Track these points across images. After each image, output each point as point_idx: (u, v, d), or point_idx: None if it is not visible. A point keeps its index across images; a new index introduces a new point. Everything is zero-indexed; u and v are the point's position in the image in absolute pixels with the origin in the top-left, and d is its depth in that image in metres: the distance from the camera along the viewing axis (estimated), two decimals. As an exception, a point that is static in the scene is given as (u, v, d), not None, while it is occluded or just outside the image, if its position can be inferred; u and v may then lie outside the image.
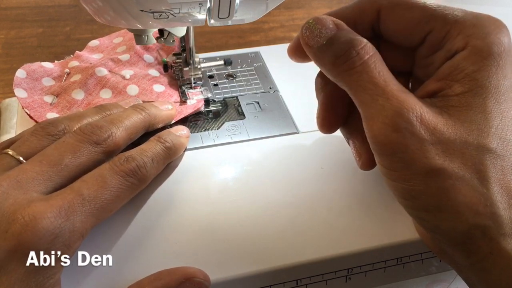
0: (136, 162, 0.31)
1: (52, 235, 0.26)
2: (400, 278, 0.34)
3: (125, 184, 0.30)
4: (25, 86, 0.41)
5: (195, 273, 0.28)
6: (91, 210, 0.28)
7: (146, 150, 0.32)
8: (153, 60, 0.44)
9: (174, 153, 0.35)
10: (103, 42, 0.47)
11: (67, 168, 0.29)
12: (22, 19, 0.63)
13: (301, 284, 0.31)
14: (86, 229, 0.27)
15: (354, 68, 0.27)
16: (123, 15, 0.30)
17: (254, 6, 0.33)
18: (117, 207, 0.30)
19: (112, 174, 0.29)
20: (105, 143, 0.31)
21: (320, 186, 0.35)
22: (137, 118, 0.34)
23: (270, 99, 0.42)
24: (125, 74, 0.42)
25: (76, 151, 0.30)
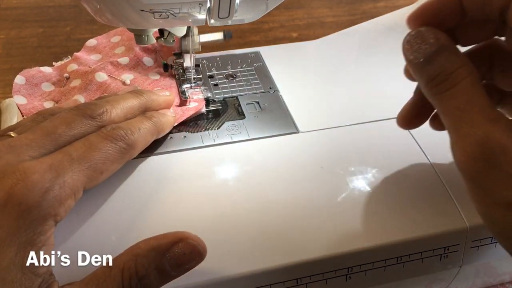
0: (123, 130, 0.32)
1: (43, 189, 0.26)
2: (400, 277, 0.34)
3: (113, 147, 0.30)
4: (25, 92, 0.41)
5: (189, 235, 0.28)
6: (80, 168, 0.28)
7: (132, 122, 0.33)
8: (152, 63, 0.44)
9: (161, 129, 0.36)
10: (100, 42, 0.46)
11: (60, 138, 0.30)
12: (23, 19, 0.63)
13: (301, 283, 0.31)
14: (77, 187, 0.28)
15: (443, 93, 0.27)
16: (123, 15, 0.30)
17: (254, 6, 0.33)
18: (108, 170, 0.30)
19: (100, 139, 0.30)
20: (99, 118, 0.32)
21: (320, 186, 0.35)
22: (134, 100, 0.35)
23: (270, 99, 0.42)
24: (125, 79, 0.41)
25: (70, 122, 0.31)
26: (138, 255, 0.27)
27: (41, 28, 0.61)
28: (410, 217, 0.33)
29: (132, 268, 0.26)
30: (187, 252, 0.27)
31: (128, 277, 0.26)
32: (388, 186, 0.35)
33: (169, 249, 0.27)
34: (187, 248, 0.27)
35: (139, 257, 0.27)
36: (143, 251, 0.27)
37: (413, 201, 0.34)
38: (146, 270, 0.26)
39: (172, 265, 0.27)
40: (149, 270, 0.26)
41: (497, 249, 0.35)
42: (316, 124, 0.39)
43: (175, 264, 0.27)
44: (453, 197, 0.34)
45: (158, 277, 0.27)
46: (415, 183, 0.35)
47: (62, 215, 0.27)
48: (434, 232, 0.32)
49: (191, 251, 0.27)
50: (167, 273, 0.27)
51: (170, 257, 0.27)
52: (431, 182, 0.35)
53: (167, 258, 0.27)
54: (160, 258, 0.27)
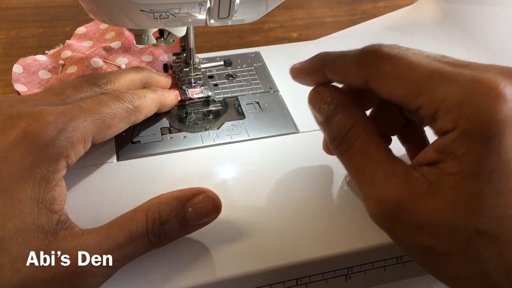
0: (130, 94, 0.34)
1: (57, 129, 0.28)
2: (400, 277, 0.34)
3: (121, 106, 0.32)
4: (24, 80, 0.41)
5: (208, 190, 0.29)
6: (91, 118, 0.30)
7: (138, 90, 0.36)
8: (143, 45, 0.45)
9: (164, 102, 0.38)
10: (90, 29, 0.47)
11: (68, 98, 0.32)
12: (23, 19, 0.63)
13: (301, 283, 0.31)
14: (87, 134, 0.30)
15: (344, 154, 0.28)
16: (123, 15, 0.30)
17: (254, 6, 0.33)
18: (116, 126, 0.32)
19: (109, 97, 0.33)
20: (104, 85, 0.34)
21: (320, 186, 0.35)
22: (136, 74, 0.37)
23: (270, 99, 0.42)
24: (120, 63, 0.42)
25: (77, 86, 0.33)
26: (161, 202, 0.28)
27: (41, 28, 0.61)
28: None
29: (156, 212, 0.28)
30: (206, 204, 0.29)
31: (152, 220, 0.28)
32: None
33: (190, 200, 0.28)
34: (206, 200, 0.29)
35: (163, 204, 0.28)
36: (166, 199, 0.28)
37: (413, 201, 0.34)
38: (168, 216, 0.28)
39: (191, 216, 0.28)
40: (171, 216, 0.28)
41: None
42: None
43: (194, 214, 0.28)
44: (453, 197, 0.34)
45: (177, 226, 0.28)
46: (415, 183, 0.35)
47: (72, 159, 0.29)
48: (434, 232, 0.32)
49: (210, 203, 0.29)
50: (186, 223, 0.28)
51: (190, 207, 0.28)
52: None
53: (187, 208, 0.28)
54: (182, 207, 0.28)
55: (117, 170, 0.35)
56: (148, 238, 0.28)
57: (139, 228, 0.27)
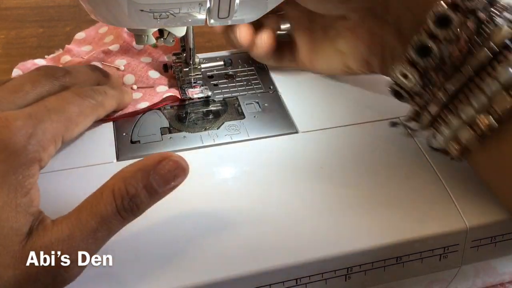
0: (91, 90, 0.35)
1: (27, 134, 0.28)
2: (399, 278, 0.34)
3: (85, 104, 0.33)
4: None
5: (171, 154, 0.29)
6: (58, 118, 0.30)
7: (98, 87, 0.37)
8: (142, 46, 0.45)
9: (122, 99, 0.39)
10: (89, 34, 0.47)
11: (27, 95, 0.32)
12: (23, 19, 0.63)
13: (301, 283, 0.31)
14: (57, 134, 0.30)
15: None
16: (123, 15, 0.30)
17: (254, 6, 0.33)
18: (82, 123, 0.33)
19: (72, 94, 0.33)
20: (61, 78, 0.34)
21: (320, 186, 0.35)
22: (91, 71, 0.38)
23: (270, 99, 0.42)
24: (119, 64, 0.42)
25: (35, 81, 0.33)
26: (125, 177, 0.28)
27: (41, 28, 0.61)
28: (410, 217, 0.33)
29: (122, 188, 0.27)
30: (171, 169, 0.28)
31: (120, 197, 0.27)
32: (388, 186, 0.35)
33: (155, 168, 0.28)
34: (171, 166, 0.28)
35: (127, 179, 0.28)
36: (130, 173, 0.28)
37: (413, 201, 0.34)
38: (136, 189, 0.27)
39: (159, 183, 0.28)
40: (139, 189, 0.27)
41: (497, 249, 0.35)
42: (316, 124, 0.39)
43: (161, 181, 0.28)
44: (453, 197, 0.34)
45: (147, 196, 0.28)
46: (415, 183, 0.35)
47: (45, 161, 0.29)
48: (434, 232, 0.32)
49: (175, 167, 0.28)
50: (155, 190, 0.28)
51: (156, 174, 0.28)
52: (431, 182, 0.35)
53: (154, 176, 0.28)
54: (147, 176, 0.28)
55: (117, 170, 0.35)
56: (120, 215, 0.27)
57: (108, 208, 0.27)
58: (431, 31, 0.30)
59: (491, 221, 0.33)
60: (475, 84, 0.30)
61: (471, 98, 0.30)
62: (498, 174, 0.32)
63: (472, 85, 0.30)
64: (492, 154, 0.31)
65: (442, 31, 0.30)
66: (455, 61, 0.30)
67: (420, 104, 0.33)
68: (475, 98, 0.30)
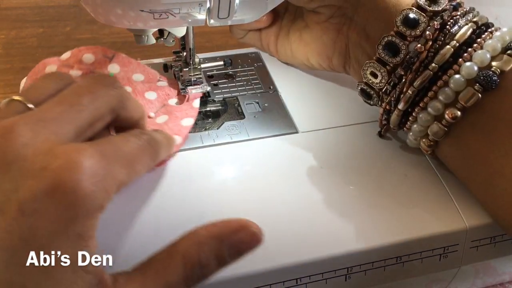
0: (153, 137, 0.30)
1: (97, 176, 0.23)
2: (399, 278, 0.34)
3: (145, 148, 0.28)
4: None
5: (250, 223, 0.26)
6: (123, 161, 0.26)
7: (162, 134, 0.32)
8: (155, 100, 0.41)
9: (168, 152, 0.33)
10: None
11: (86, 110, 0.27)
12: (23, 19, 0.63)
13: (301, 283, 0.31)
14: (121, 182, 0.25)
15: None
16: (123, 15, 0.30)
17: (254, 6, 0.33)
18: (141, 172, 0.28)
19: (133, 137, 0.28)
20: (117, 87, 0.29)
21: (320, 186, 0.35)
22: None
23: (270, 99, 0.42)
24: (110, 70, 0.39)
25: (93, 91, 0.27)
26: (200, 243, 0.25)
27: (41, 28, 0.61)
28: (410, 217, 0.33)
29: (194, 257, 0.25)
30: (247, 240, 0.26)
31: (191, 267, 0.25)
32: (388, 186, 0.35)
33: (230, 237, 0.26)
34: (248, 236, 0.26)
35: (201, 245, 0.25)
36: (205, 239, 0.25)
37: (413, 201, 0.34)
38: (208, 259, 0.25)
39: (231, 253, 0.26)
40: (211, 259, 0.25)
41: (496, 249, 0.35)
42: (316, 124, 0.39)
43: (234, 252, 0.26)
44: (452, 198, 0.34)
45: (217, 265, 0.26)
46: (415, 183, 0.35)
47: (105, 209, 0.24)
48: (434, 232, 0.33)
49: (252, 239, 0.26)
50: (225, 261, 0.26)
51: (230, 245, 0.26)
52: (431, 182, 0.35)
53: (227, 247, 0.25)
54: (221, 246, 0.25)
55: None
56: (186, 285, 0.25)
57: (175, 277, 0.25)
58: (400, 32, 0.33)
59: (491, 221, 0.33)
60: (441, 80, 0.32)
61: (438, 93, 0.32)
62: (465, 164, 0.33)
63: (439, 82, 0.32)
64: (459, 145, 0.33)
65: (410, 31, 0.33)
66: (423, 59, 0.33)
67: (389, 104, 0.35)
68: (442, 93, 0.32)
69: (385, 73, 0.34)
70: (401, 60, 0.33)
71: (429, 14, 0.33)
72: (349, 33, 0.38)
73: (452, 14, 0.33)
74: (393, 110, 0.35)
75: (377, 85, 0.35)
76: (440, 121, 0.33)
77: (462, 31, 0.33)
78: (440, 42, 0.33)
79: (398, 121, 0.35)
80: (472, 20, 0.33)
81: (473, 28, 0.33)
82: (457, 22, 0.33)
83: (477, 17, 0.34)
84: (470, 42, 0.33)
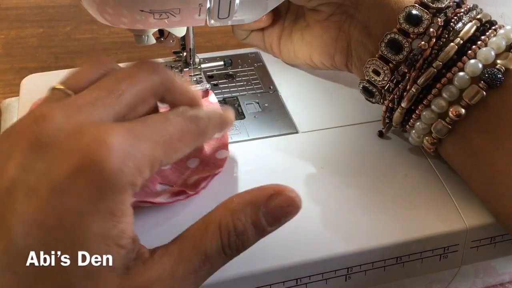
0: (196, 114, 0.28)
1: (126, 153, 0.23)
2: (399, 278, 0.34)
3: (188, 128, 0.27)
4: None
5: (285, 188, 0.26)
6: (157, 139, 0.25)
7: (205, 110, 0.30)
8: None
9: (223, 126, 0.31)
10: None
11: (124, 94, 0.26)
12: (23, 19, 0.63)
13: (301, 283, 0.31)
14: (155, 159, 0.25)
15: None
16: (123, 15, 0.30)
17: (254, 6, 0.33)
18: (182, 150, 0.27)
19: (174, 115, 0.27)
20: (159, 72, 0.28)
21: (320, 186, 0.35)
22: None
23: (270, 99, 0.42)
24: None
25: (132, 76, 0.27)
26: (234, 210, 0.25)
27: (41, 28, 0.61)
28: (410, 217, 0.33)
29: (230, 224, 0.25)
30: (285, 205, 0.25)
31: (227, 234, 0.25)
32: (388, 186, 0.35)
33: (266, 203, 0.25)
34: (285, 201, 0.25)
35: (236, 212, 0.25)
36: (239, 206, 0.25)
37: (413, 201, 0.34)
38: (244, 226, 0.25)
39: (269, 221, 0.25)
40: (247, 225, 0.25)
41: (497, 249, 0.35)
42: (316, 124, 0.39)
43: (271, 218, 0.25)
44: (452, 198, 0.34)
45: (255, 233, 0.25)
46: (415, 183, 0.35)
47: (138, 186, 0.24)
48: (434, 232, 0.33)
49: (289, 204, 0.25)
50: (264, 228, 0.25)
51: (267, 211, 0.25)
52: (431, 182, 0.35)
53: (264, 213, 0.25)
54: (257, 212, 0.25)
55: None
56: (225, 253, 0.25)
57: (213, 245, 0.24)
58: (403, 29, 0.33)
59: (491, 221, 0.33)
60: (445, 77, 0.32)
61: (442, 90, 0.32)
62: (468, 162, 0.33)
63: (443, 79, 0.32)
64: (462, 143, 0.33)
65: (413, 28, 0.33)
66: (426, 57, 0.32)
67: (392, 101, 0.35)
68: (446, 91, 0.32)
69: (387, 70, 0.34)
70: (404, 58, 0.33)
71: (432, 11, 0.33)
72: (350, 30, 0.38)
73: (455, 11, 0.33)
74: (396, 108, 0.35)
75: (380, 82, 0.35)
76: (444, 118, 0.33)
77: (466, 28, 0.32)
78: (444, 39, 0.32)
79: (401, 119, 0.35)
80: (475, 17, 0.33)
81: (477, 25, 0.33)
82: (461, 19, 0.33)
83: (481, 14, 0.34)
84: (474, 39, 0.32)
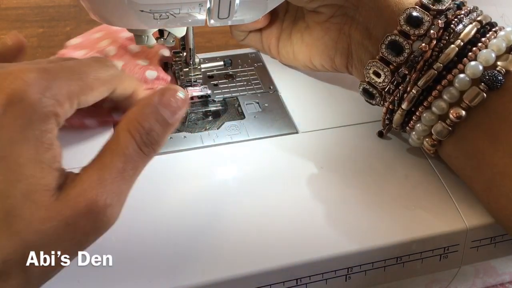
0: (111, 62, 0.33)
1: (42, 86, 0.26)
2: (399, 278, 0.34)
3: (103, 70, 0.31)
4: None
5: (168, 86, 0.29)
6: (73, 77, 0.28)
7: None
8: (138, 49, 0.44)
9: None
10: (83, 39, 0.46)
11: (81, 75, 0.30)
12: (22, 19, 0.63)
13: (301, 283, 0.31)
14: (72, 94, 0.28)
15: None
16: (123, 15, 0.30)
17: (254, 6, 0.33)
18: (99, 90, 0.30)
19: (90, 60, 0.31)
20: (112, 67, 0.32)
21: (320, 186, 0.35)
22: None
23: (270, 99, 0.42)
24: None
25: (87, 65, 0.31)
26: (136, 115, 0.28)
27: (41, 28, 0.61)
28: (410, 217, 0.33)
29: (137, 125, 0.27)
30: (174, 98, 0.28)
31: (137, 133, 0.27)
32: (388, 186, 0.35)
33: (160, 101, 0.28)
34: (172, 95, 0.28)
35: (138, 115, 0.27)
36: (138, 111, 0.28)
37: (413, 201, 0.34)
38: (149, 123, 0.27)
39: (168, 114, 0.28)
40: (152, 122, 0.27)
41: (497, 250, 0.35)
42: (316, 124, 0.39)
43: (170, 112, 0.28)
44: (452, 198, 0.34)
45: (161, 128, 0.28)
46: (415, 183, 0.35)
47: (62, 118, 0.27)
48: (434, 232, 0.33)
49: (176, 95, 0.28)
50: (167, 122, 0.28)
51: (163, 107, 0.28)
52: (431, 182, 0.35)
53: (162, 109, 0.28)
54: (156, 111, 0.28)
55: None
56: (142, 151, 0.27)
57: (129, 146, 0.27)
58: (403, 31, 0.33)
59: (491, 221, 0.33)
60: (446, 79, 0.32)
61: (443, 92, 0.32)
62: (468, 164, 0.33)
63: (443, 81, 0.32)
64: (463, 145, 0.33)
65: (414, 30, 0.33)
66: (427, 58, 0.32)
67: (392, 103, 0.35)
68: (446, 92, 0.32)
69: (388, 72, 0.34)
70: (405, 59, 0.33)
71: (433, 13, 0.33)
72: (351, 32, 0.38)
73: (456, 13, 0.33)
74: (396, 110, 0.35)
75: (380, 84, 0.35)
76: (444, 120, 0.33)
77: (466, 30, 0.33)
78: (444, 41, 0.33)
79: (401, 120, 0.35)
80: (476, 19, 0.33)
81: (477, 27, 0.33)
82: (461, 21, 0.33)
83: (481, 16, 0.34)
84: (474, 41, 0.33)
